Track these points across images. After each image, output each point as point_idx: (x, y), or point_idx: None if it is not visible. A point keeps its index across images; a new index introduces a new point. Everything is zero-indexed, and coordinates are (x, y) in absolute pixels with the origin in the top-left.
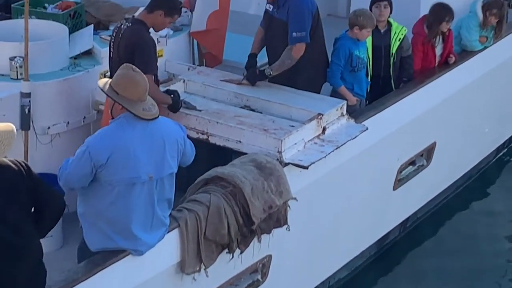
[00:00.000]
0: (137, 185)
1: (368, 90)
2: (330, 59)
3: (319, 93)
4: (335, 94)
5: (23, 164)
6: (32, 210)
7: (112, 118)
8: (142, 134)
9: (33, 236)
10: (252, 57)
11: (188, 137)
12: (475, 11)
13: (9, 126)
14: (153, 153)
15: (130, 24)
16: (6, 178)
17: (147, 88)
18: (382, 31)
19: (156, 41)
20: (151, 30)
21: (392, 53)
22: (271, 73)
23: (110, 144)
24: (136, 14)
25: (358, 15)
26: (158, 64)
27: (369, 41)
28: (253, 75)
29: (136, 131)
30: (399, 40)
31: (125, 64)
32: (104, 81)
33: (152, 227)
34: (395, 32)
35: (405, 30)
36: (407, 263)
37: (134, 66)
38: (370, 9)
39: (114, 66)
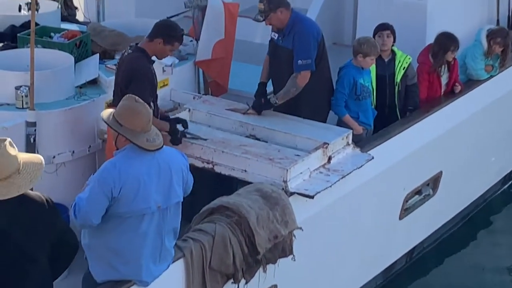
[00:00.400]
0: (147, 215)
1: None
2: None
3: (325, 121)
4: (341, 123)
5: (48, 199)
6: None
7: (117, 149)
8: (149, 164)
9: (47, 271)
10: (262, 85)
11: (193, 166)
12: (480, 40)
13: (38, 158)
14: (160, 182)
15: (131, 52)
16: (30, 210)
17: (151, 118)
18: (386, 60)
19: (161, 70)
20: (158, 59)
21: (397, 82)
22: (277, 101)
23: (120, 176)
24: (140, 43)
25: (362, 43)
26: (163, 93)
27: (373, 70)
28: (259, 104)
29: (143, 162)
30: (403, 69)
31: (127, 95)
32: (107, 112)
33: (161, 259)
34: (400, 61)
35: (409, 58)
36: None
37: (137, 97)
38: (374, 38)
39: (115, 94)
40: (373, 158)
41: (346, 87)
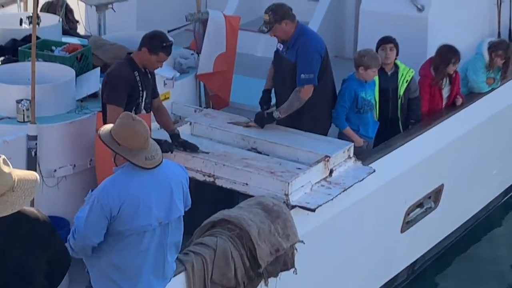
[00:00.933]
0: (148, 232)
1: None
2: None
3: (326, 134)
4: (342, 136)
5: (44, 215)
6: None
7: (116, 165)
8: (149, 180)
9: (45, 286)
10: (266, 92)
11: (195, 179)
12: (481, 53)
13: (33, 175)
14: (161, 198)
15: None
16: (26, 228)
17: (148, 135)
18: (389, 73)
19: (163, 84)
20: (150, 69)
21: (400, 95)
22: (280, 115)
23: (119, 194)
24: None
25: (363, 55)
26: (164, 106)
27: (376, 83)
28: (261, 118)
29: (143, 179)
30: (406, 82)
31: (125, 113)
32: (105, 130)
33: (164, 274)
34: (402, 74)
35: (412, 71)
36: None
37: (133, 115)
38: (376, 51)
39: None
40: (374, 171)
41: (347, 100)
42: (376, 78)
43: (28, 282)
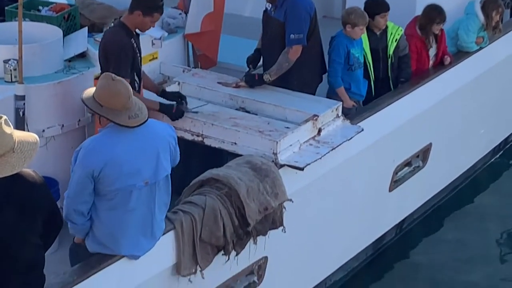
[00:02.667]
0: (134, 191)
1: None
2: (326, 60)
3: (314, 94)
4: (331, 96)
5: (40, 177)
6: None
7: (102, 127)
8: (134, 140)
9: (41, 248)
10: (257, 52)
11: (183, 139)
12: (475, 13)
13: (33, 137)
14: (146, 158)
15: (112, 26)
16: (23, 189)
17: (130, 94)
18: (378, 33)
19: (150, 44)
20: (141, 31)
21: (390, 55)
22: (270, 78)
23: (102, 155)
24: (122, 17)
25: (349, 13)
26: (152, 66)
27: (366, 44)
28: (252, 79)
29: (127, 138)
30: (396, 41)
31: (104, 73)
32: (88, 93)
33: (152, 233)
34: (392, 33)
35: (401, 30)
36: (402, 265)
37: (113, 75)
38: (373, 18)
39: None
40: (363, 130)
41: (342, 55)
42: (365, 38)
43: (23, 243)
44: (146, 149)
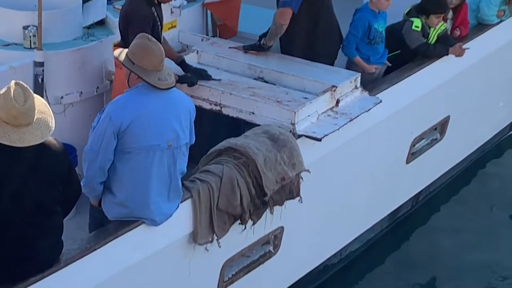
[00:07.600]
0: (157, 152)
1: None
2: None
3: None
4: (350, 67)
5: (62, 146)
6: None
7: (129, 87)
8: (160, 103)
9: (60, 215)
10: None
11: (201, 108)
12: None
13: (44, 104)
14: (171, 121)
15: None
16: (49, 159)
17: (163, 58)
18: None
19: (169, 12)
20: (163, 2)
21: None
22: (266, 43)
23: (130, 111)
24: None
25: None
26: (171, 35)
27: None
28: (251, 46)
29: (154, 100)
30: (437, 36)
31: (141, 33)
32: (119, 51)
33: (169, 197)
34: (435, 28)
35: (444, 25)
36: (418, 237)
37: (150, 36)
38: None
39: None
40: (381, 101)
41: (360, 30)
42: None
43: (48, 216)
44: (171, 114)
